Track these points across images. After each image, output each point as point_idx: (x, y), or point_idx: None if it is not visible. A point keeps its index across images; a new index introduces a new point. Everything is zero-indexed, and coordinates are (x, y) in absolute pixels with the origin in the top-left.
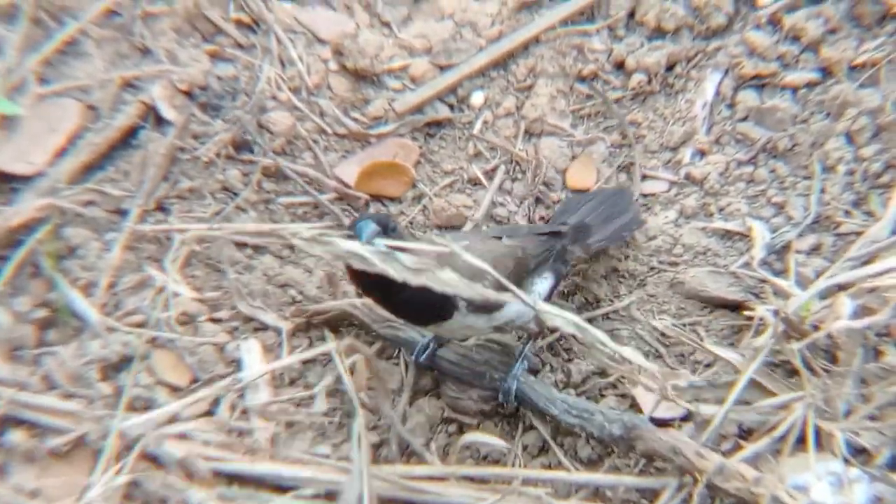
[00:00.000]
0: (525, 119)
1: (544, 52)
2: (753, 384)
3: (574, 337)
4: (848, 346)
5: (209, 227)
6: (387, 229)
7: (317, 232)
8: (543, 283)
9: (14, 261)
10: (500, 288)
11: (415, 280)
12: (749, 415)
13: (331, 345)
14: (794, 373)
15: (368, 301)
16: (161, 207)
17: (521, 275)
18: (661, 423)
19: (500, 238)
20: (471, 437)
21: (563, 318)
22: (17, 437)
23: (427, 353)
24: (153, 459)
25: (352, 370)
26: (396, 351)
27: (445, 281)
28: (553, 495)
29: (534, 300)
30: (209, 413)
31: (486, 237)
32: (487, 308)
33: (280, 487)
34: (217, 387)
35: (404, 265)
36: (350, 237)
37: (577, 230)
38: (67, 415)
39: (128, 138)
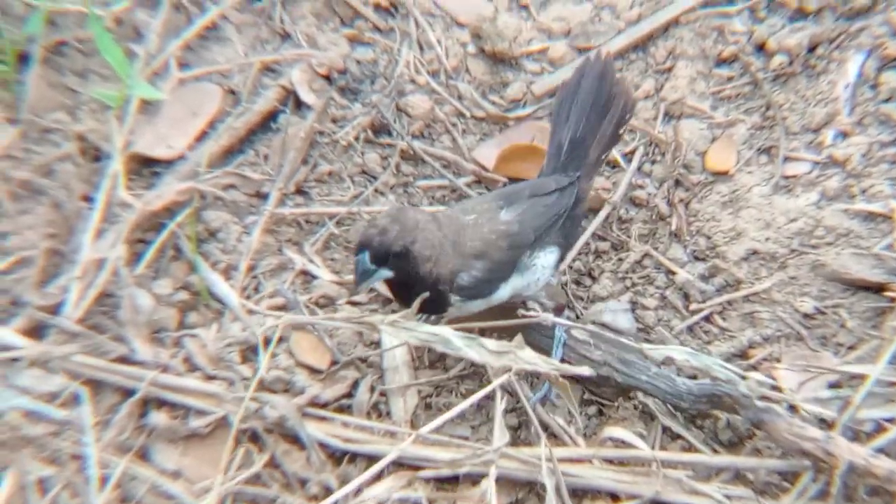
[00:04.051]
0: (664, 101)
1: (684, 33)
2: None
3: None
4: None
5: (348, 211)
6: (387, 258)
7: (399, 317)
8: (548, 256)
9: (155, 244)
10: (495, 273)
11: (496, 362)
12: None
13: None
14: None
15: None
16: (300, 191)
17: (517, 254)
18: None
19: (501, 208)
20: (611, 431)
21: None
22: (159, 418)
23: None
24: (294, 441)
25: None
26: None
27: (527, 359)
28: (694, 478)
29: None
30: (349, 395)
31: (489, 209)
32: (480, 293)
33: (419, 469)
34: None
35: (488, 349)
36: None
37: (574, 149)
38: (209, 396)
39: (267, 122)
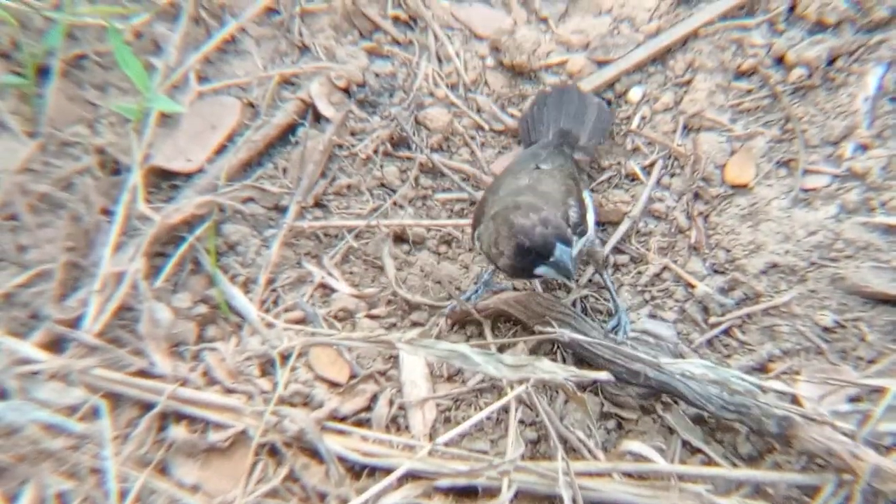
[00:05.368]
0: (683, 114)
1: (703, 46)
2: None
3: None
4: None
5: (367, 224)
6: (570, 243)
7: (415, 334)
8: (589, 199)
9: (175, 257)
10: (582, 208)
11: (514, 376)
12: None
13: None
14: None
15: (521, 298)
16: (319, 204)
17: (580, 194)
18: None
19: (536, 167)
20: (629, 445)
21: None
22: (178, 432)
23: (479, 291)
24: (313, 454)
25: None
26: (553, 346)
27: (545, 370)
28: (713, 492)
29: None
30: (368, 408)
31: (527, 169)
32: (583, 229)
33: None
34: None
35: (505, 363)
36: (545, 255)
37: (563, 138)
38: (228, 410)
39: (286, 135)
